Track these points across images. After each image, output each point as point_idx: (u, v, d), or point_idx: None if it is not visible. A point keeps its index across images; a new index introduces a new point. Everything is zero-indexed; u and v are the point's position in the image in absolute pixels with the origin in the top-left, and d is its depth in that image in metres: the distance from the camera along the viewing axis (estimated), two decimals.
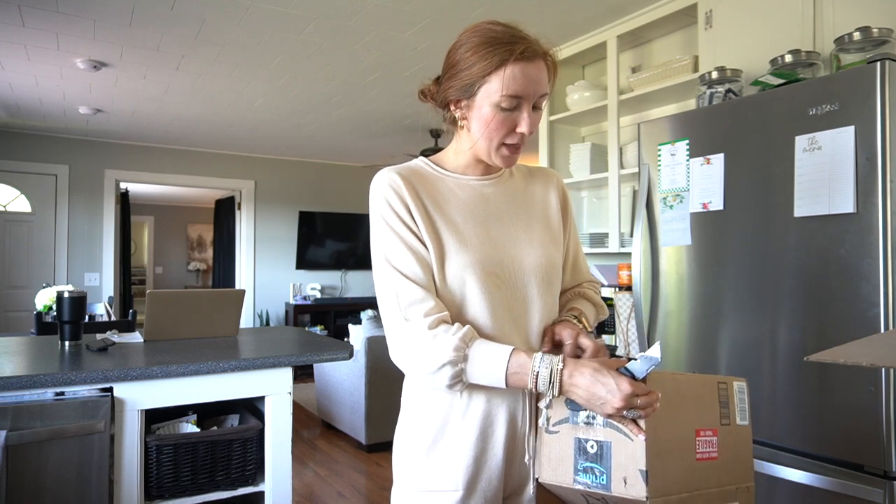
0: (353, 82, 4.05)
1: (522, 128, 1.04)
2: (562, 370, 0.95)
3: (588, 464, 0.95)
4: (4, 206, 5.62)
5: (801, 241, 1.69)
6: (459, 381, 0.99)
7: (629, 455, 0.92)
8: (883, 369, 1.49)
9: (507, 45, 1.01)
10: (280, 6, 2.85)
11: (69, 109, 4.79)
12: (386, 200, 1.07)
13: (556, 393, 0.95)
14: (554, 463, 0.99)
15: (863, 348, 0.85)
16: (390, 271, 1.04)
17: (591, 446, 0.96)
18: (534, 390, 0.96)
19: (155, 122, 5.22)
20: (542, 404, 1.02)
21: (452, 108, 1.09)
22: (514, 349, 0.98)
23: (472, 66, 1.03)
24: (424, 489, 1.07)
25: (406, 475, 1.10)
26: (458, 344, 0.97)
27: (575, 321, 1.13)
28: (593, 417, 0.97)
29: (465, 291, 1.05)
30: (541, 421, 1.02)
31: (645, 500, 0.89)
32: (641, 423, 0.94)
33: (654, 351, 0.94)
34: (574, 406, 0.99)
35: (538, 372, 0.95)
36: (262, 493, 2.01)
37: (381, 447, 3.94)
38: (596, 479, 0.94)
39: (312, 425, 4.65)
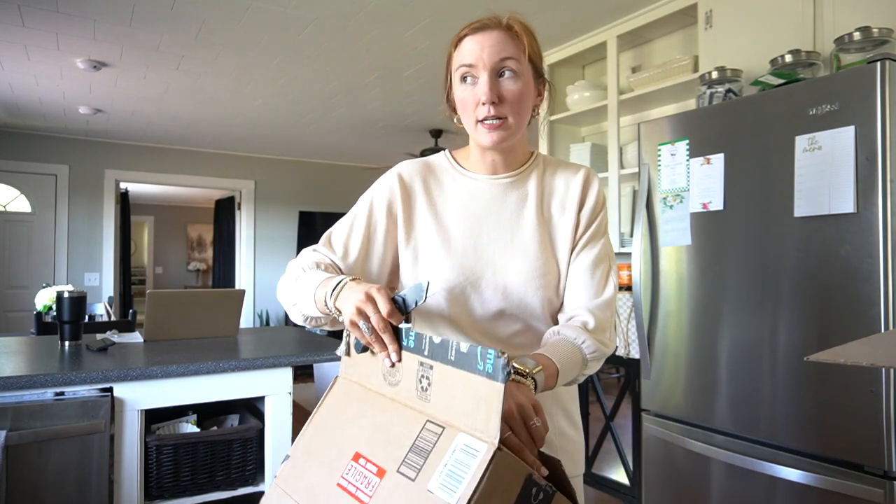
0: (353, 82, 4.05)
1: (481, 97, 0.99)
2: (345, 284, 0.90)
3: None
4: (4, 206, 5.62)
5: (801, 241, 1.69)
6: (299, 312, 1.00)
7: None
8: (883, 369, 1.49)
9: (462, 29, 1.04)
10: (280, 6, 2.85)
11: (69, 109, 4.79)
12: (373, 195, 1.11)
13: (330, 305, 0.89)
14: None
15: (863, 348, 0.85)
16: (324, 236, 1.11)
17: None
18: (327, 311, 0.92)
19: (155, 122, 5.22)
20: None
21: (453, 108, 1.10)
22: (330, 275, 0.96)
23: (446, 62, 1.08)
24: None
25: None
26: (298, 270, 1.02)
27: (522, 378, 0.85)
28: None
29: (438, 297, 1.04)
30: None
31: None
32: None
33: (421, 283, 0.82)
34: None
35: (327, 290, 0.92)
36: (262, 494, 2.01)
37: None
38: None
39: None
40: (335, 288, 0.90)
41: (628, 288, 2.73)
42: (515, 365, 0.84)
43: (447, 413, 0.72)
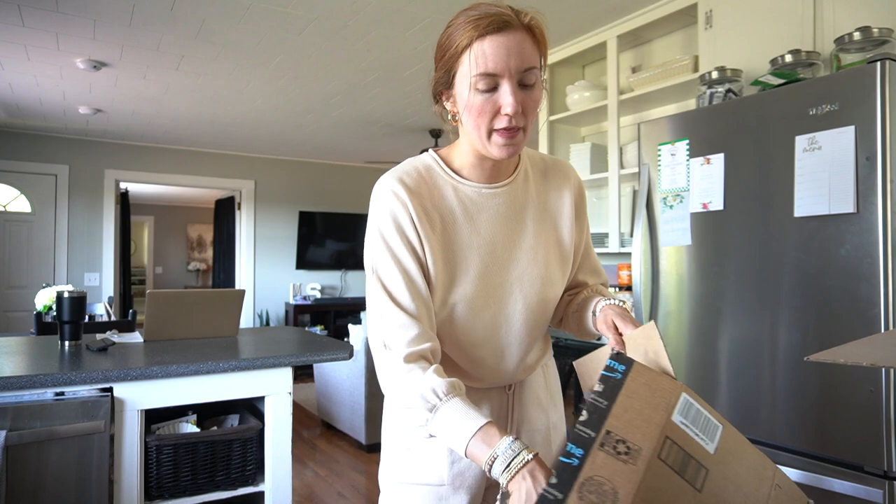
0: (353, 82, 4.05)
1: (506, 108, 0.90)
2: (526, 462, 0.79)
3: None
4: (4, 206, 5.62)
5: (801, 241, 1.69)
6: (428, 434, 0.94)
7: None
8: (883, 369, 1.49)
9: (476, 20, 0.91)
10: (280, 6, 2.85)
11: (69, 109, 4.79)
12: (391, 216, 0.97)
13: (501, 479, 0.80)
14: None
15: (863, 348, 0.85)
16: (379, 291, 0.97)
17: None
18: (488, 474, 0.82)
19: (155, 122, 5.22)
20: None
21: (443, 100, 1.00)
22: (488, 422, 0.84)
23: (446, 51, 0.95)
24: (408, 482, 1.13)
25: (390, 466, 1.17)
26: (429, 393, 0.89)
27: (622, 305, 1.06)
28: None
29: (452, 315, 1.02)
30: None
31: None
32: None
33: None
34: None
35: (496, 456, 0.81)
36: (262, 493, 2.01)
37: (381, 447, 3.94)
38: None
39: (312, 425, 4.64)
40: (512, 464, 0.79)
41: (628, 288, 2.73)
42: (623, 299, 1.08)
43: None
